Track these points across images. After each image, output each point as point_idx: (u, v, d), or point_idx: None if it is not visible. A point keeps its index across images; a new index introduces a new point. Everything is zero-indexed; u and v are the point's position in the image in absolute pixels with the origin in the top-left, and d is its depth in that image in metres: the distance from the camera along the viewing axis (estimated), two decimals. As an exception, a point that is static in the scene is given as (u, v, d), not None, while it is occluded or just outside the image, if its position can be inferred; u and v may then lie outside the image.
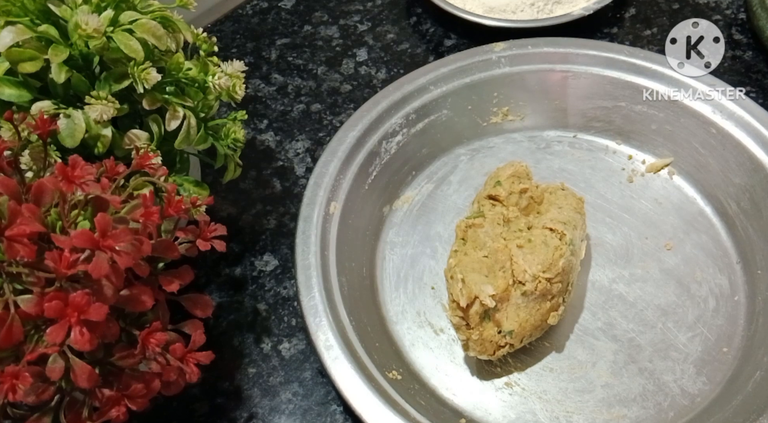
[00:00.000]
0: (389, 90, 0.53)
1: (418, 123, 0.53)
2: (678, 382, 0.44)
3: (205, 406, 0.45)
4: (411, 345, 0.47)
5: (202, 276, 0.50)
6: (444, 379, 0.45)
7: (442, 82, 0.53)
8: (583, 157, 0.55)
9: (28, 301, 0.29)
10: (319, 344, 0.42)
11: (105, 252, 0.29)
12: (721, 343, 0.45)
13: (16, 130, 0.35)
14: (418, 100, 0.53)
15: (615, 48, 0.54)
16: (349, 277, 0.47)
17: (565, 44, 0.55)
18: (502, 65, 0.54)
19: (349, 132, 0.51)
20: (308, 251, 0.46)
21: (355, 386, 0.41)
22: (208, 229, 0.38)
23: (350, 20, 0.65)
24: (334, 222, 0.48)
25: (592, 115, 0.55)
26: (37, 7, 0.37)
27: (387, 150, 0.52)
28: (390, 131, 0.52)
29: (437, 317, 0.48)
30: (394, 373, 0.43)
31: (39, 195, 0.32)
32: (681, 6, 0.64)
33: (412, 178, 0.54)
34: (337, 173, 0.49)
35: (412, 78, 0.53)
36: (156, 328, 0.33)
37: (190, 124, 0.40)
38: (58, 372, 0.30)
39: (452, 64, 0.54)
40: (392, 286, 0.49)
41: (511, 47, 0.54)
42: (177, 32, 0.41)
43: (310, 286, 0.44)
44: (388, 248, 0.51)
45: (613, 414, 0.43)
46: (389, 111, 0.52)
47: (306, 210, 0.48)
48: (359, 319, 0.45)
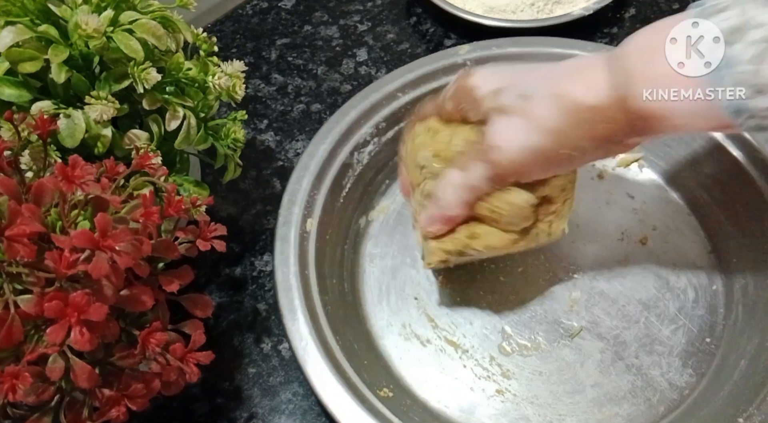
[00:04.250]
0: (356, 99, 0.52)
1: (389, 131, 0.52)
2: (665, 376, 0.44)
3: (205, 406, 0.45)
4: (399, 359, 0.46)
5: (202, 276, 0.50)
6: (435, 391, 0.45)
7: (409, 89, 0.52)
8: None
9: (28, 301, 0.29)
10: (309, 369, 0.41)
11: (105, 252, 0.29)
12: (704, 334, 0.46)
13: (16, 130, 0.35)
14: (386, 108, 0.52)
15: (578, 45, 0.53)
16: (330, 295, 0.46)
17: (528, 43, 0.54)
18: (468, 68, 0.53)
19: (319, 146, 0.49)
20: (288, 272, 0.44)
21: (349, 410, 0.39)
22: (208, 229, 0.38)
23: (350, 20, 0.65)
24: (311, 240, 0.46)
25: None
26: (37, 7, 0.37)
27: (359, 161, 0.51)
28: (361, 141, 0.51)
29: (422, 328, 0.48)
30: (385, 390, 0.43)
31: (39, 195, 0.32)
32: (681, 6, 0.64)
33: (387, 187, 0.54)
34: (311, 188, 0.48)
35: (378, 86, 0.52)
36: (156, 328, 0.33)
37: (190, 124, 0.40)
38: (58, 372, 0.30)
39: (418, 69, 0.53)
40: (375, 299, 0.49)
41: (476, 49, 0.53)
42: (177, 32, 0.41)
43: (293, 308, 0.43)
44: (368, 261, 0.51)
45: (604, 413, 0.43)
46: (359, 121, 0.51)
47: (282, 229, 0.46)
48: (345, 337, 0.44)
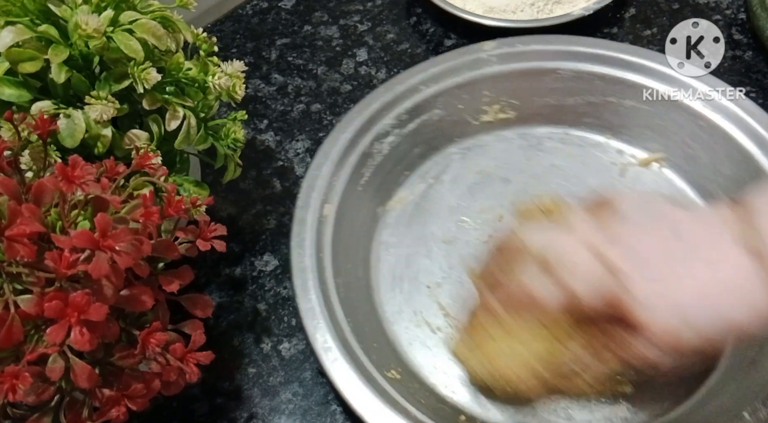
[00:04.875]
0: (380, 91, 0.53)
1: (410, 123, 0.53)
2: (674, 370, 0.44)
3: (205, 406, 0.45)
4: (408, 344, 0.47)
5: (202, 276, 0.50)
6: (442, 377, 0.45)
7: (432, 82, 0.53)
8: (574, 153, 0.55)
9: (28, 301, 0.29)
10: (318, 346, 0.42)
11: (105, 252, 0.29)
12: None
13: (16, 130, 0.34)
14: (409, 100, 0.53)
15: (603, 44, 0.54)
16: (345, 279, 0.47)
17: (554, 41, 0.55)
18: (492, 64, 0.54)
19: (341, 134, 0.51)
20: (303, 254, 0.46)
21: (355, 387, 0.41)
22: (208, 229, 0.38)
23: (350, 20, 0.65)
24: (329, 224, 0.48)
25: (583, 111, 0.55)
26: (37, 7, 0.37)
27: (379, 151, 0.52)
28: (382, 132, 0.52)
29: (434, 316, 0.48)
30: (393, 372, 0.43)
31: (39, 195, 0.32)
32: (681, 6, 0.64)
33: (405, 179, 0.54)
34: (331, 175, 0.49)
35: (402, 79, 0.53)
36: (156, 328, 0.33)
37: (190, 124, 0.40)
38: (58, 372, 0.30)
39: (442, 63, 0.54)
40: (388, 286, 0.50)
41: (501, 46, 0.54)
42: (177, 32, 0.41)
43: (307, 288, 0.44)
44: (383, 249, 0.51)
45: (610, 406, 0.43)
46: (381, 112, 0.52)
47: (300, 212, 0.47)
48: (356, 319, 0.45)
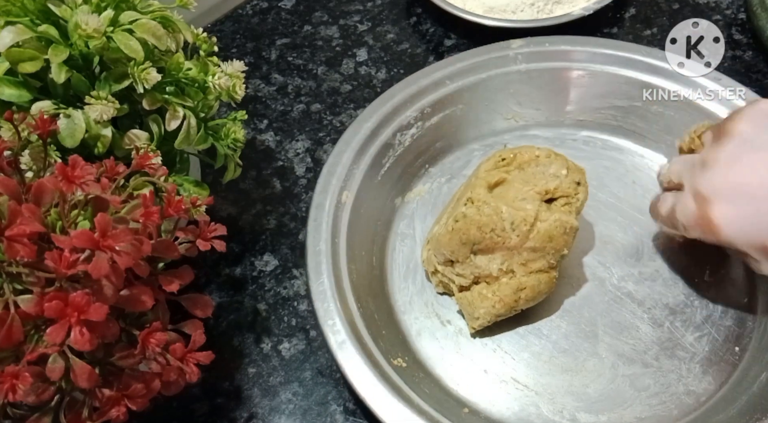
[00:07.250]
0: (405, 83, 0.53)
1: (433, 117, 0.53)
2: (683, 381, 0.44)
3: (205, 406, 0.45)
4: (417, 334, 0.47)
5: (202, 276, 0.50)
6: (449, 370, 0.45)
7: (458, 77, 0.54)
8: (596, 155, 0.55)
9: (28, 301, 0.29)
10: (327, 329, 0.42)
11: (105, 252, 0.29)
12: (729, 344, 0.45)
13: (16, 130, 0.34)
14: (433, 93, 0.53)
15: (632, 48, 0.54)
16: (358, 265, 0.47)
17: (582, 43, 0.55)
18: (519, 62, 0.54)
19: (363, 123, 0.51)
20: (319, 238, 0.46)
21: (361, 372, 0.41)
22: (208, 229, 0.38)
23: (350, 20, 0.65)
24: (346, 210, 0.48)
25: (608, 114, 0.55)
26: (37, 7, 0.37)
27: (401, 142, 0.52)
28: (405, 124, 0.52)
29: (445, 309, 0.48)
30: (399, 360, 0.44)
31: (39, 195, 0.32)
32: (681, 6, 0.64)
33: (425, 172, 0.55)
34: (351, 163, 0.50)
35: (428, 72, 0.54)
36: (156, 328, 0.33)
37: (190, 124, 0.40)
38: (58, 372, 0.30)
39: (469, 59, 0.54)
40: (401, 276, 0.50)
41: (528, 44, 0.54)
42: (177, 32, 0.41)
43: (320, 271, 0.45)
44: (399, 239, 0.51)
45: (616, 410, 0.43)
46: (404, 104, 0.52)
47: (318, 197, 0.48)
48: (367, 306, 0.45)
